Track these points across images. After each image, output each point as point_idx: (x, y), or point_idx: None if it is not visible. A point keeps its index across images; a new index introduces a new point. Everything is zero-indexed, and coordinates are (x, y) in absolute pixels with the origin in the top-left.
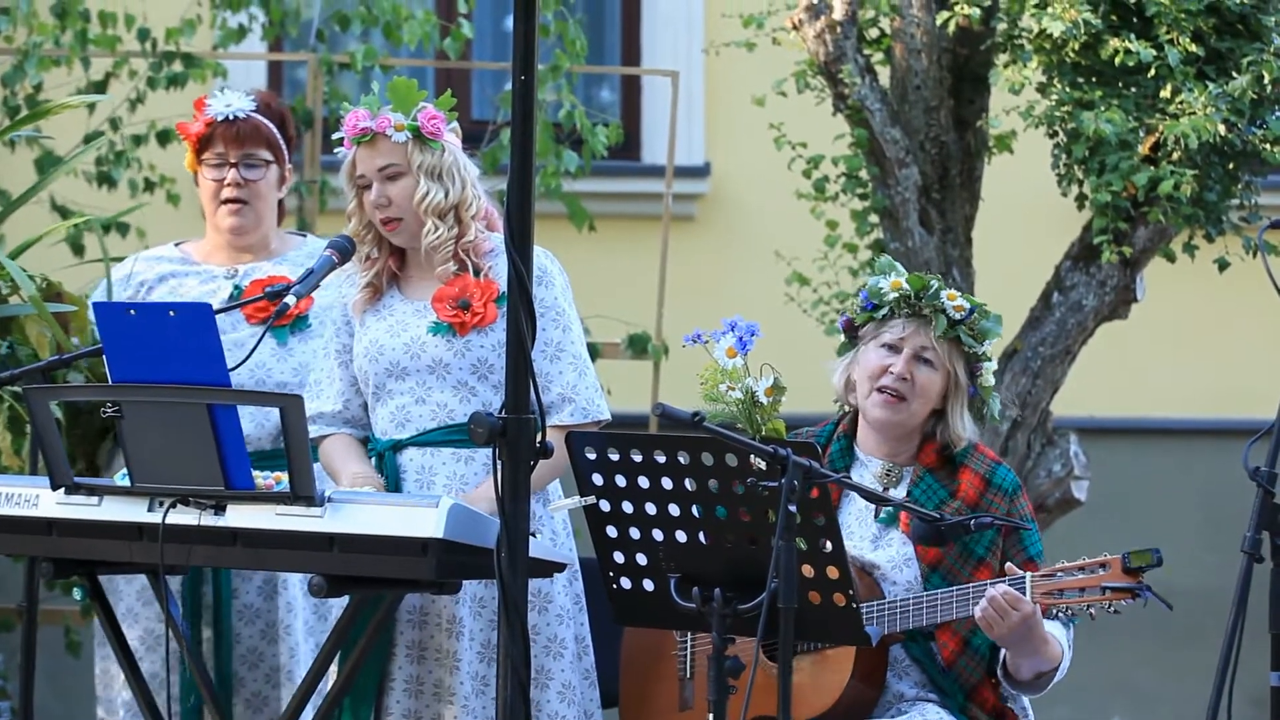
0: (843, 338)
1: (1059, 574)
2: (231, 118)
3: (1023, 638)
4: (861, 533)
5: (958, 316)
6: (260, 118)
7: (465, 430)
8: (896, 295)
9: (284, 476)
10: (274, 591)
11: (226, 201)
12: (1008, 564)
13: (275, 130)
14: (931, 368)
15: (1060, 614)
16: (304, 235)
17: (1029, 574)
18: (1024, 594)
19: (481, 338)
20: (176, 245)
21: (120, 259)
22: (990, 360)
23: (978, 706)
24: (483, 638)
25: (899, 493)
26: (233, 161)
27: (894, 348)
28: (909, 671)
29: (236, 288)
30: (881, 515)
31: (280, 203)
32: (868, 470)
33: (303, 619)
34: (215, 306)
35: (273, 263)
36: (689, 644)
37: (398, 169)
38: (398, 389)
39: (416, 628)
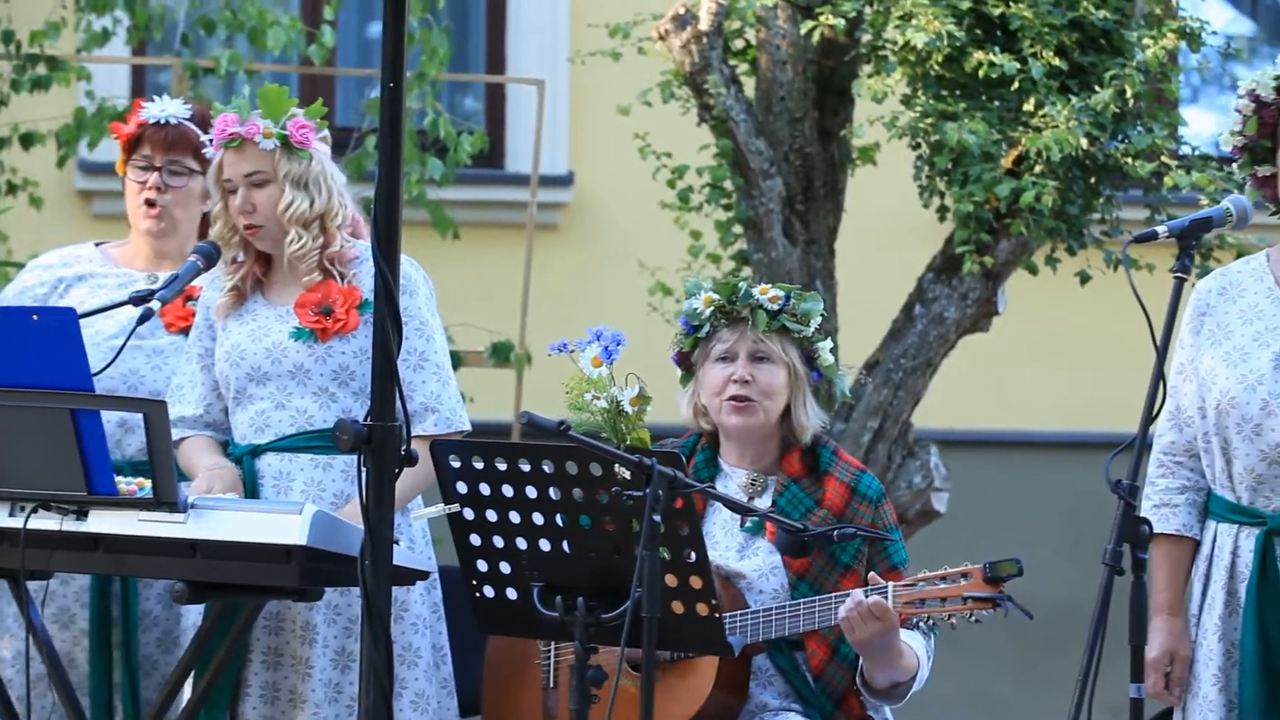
0: (680, 372)
1: (920, 583)
2: (162, 122)
3: (881, 647)
4: (727, 542)
5: (775, 307)
6: (191, 126)
7: (324, 436)
8: (711, 309)
9: (147, 482)
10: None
11: (146, 204)
12: (871, 573)
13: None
14: (770, 363)
15: (921, 624)
16: None
17: (891, 583)
18: (886, 603)
19: (343, 344)
20: (96, 245)
21: None
22: (824, 339)
23: (845, 715)
24: (336, 645)
25: (764, 502)
26: (157, 165)
27: (728, 358)
28: (773, 681)
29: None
30: (747, 525)
31: (206, 215)
32: (732, 481)
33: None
34: (82, 310)
35: None
36: (552, 654)
37: (264, 176)
38: (258, 394)
39: (272, 634)
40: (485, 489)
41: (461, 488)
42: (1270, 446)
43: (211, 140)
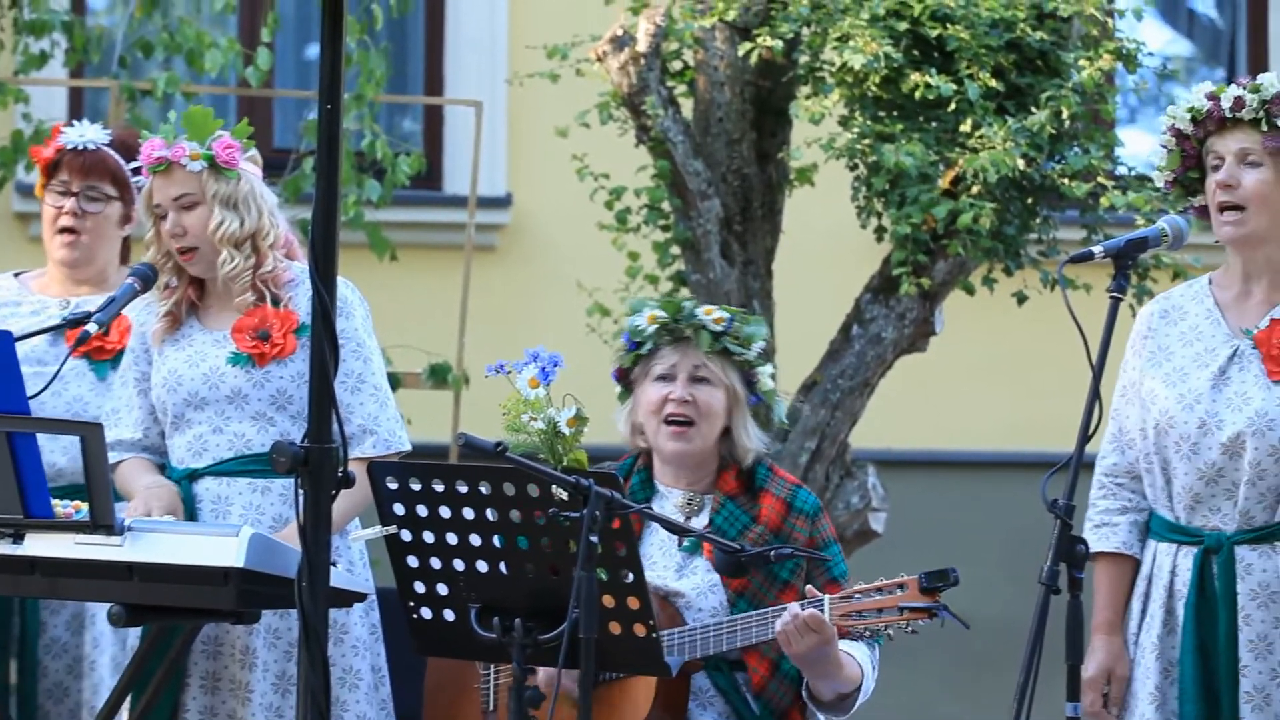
0: (619, 389)
1: (857, 595)
2: (80, 148)
3: (820, 659)
4: (665, 561)
5: (719, 329)
6: (110, 152)
7: (262, 460)
8: (655, 327)
9: (84, 505)
10: (82, 626)
11: (61, 231)
12: (808, 586)
13: (125, 167)
14: (710, 385)
15: (862, 635)
16: None
17: (827, 596)
18: (822, 615)
19: (281, 369)
20: (16, 275)
21: None
22: (765, 364)
23: None
24: (277, 669)
25: (701, 520)
26: (74, 191)
27: (668, 377)
28: (713, 702)
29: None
30: (685, 544)
31: (126, 240)
32: (669, 501)
33: (109, 655)
34: (16, 334)
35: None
36: (492, 676)
37: (193, 198)
38: (196, 419)
39: (210, 658)
40: (423, 510)
41: (399, 509)
42: (1207, 465)
43: (139, 167)
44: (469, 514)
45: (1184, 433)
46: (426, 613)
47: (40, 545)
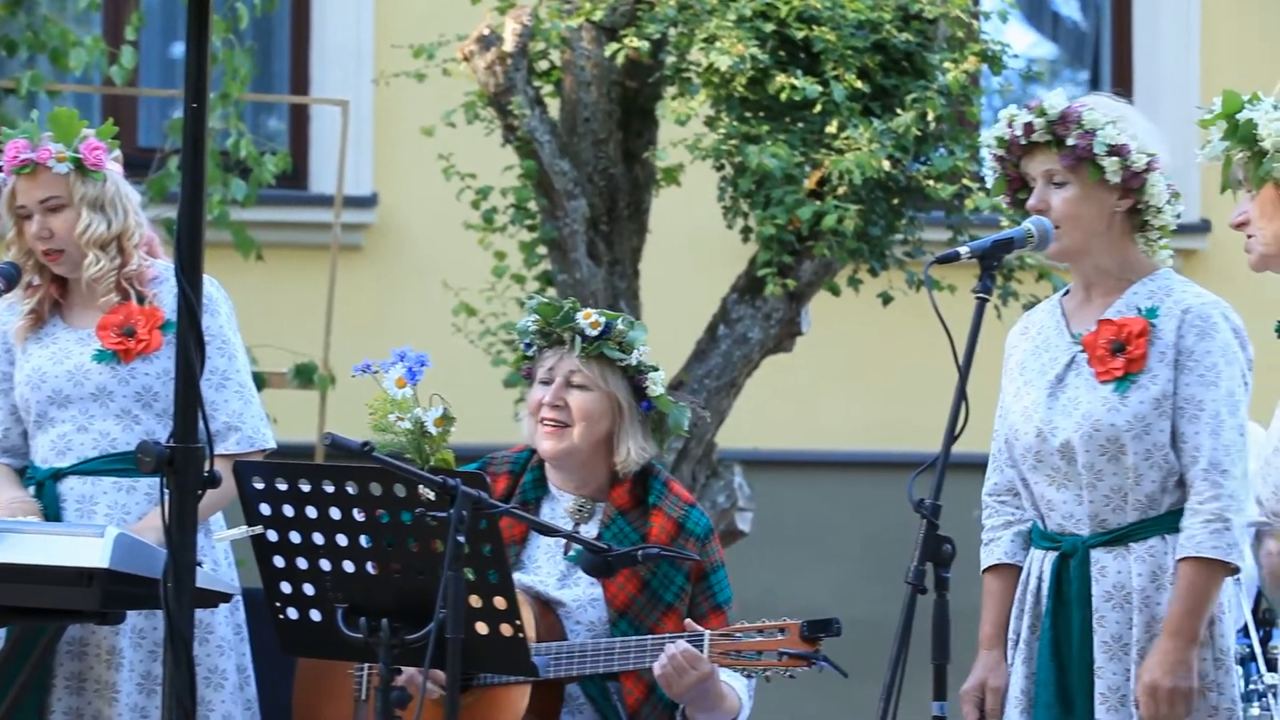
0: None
1: (738, 634)
2: None
3: (701, 695)
4: (549, 569)
5: (594, 333)
6: None
7: (128, 459)
8: (535, 329)
9: None
10: None
11: None
12: (687, 620)
13: None
14: (585, 390)
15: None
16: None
17: (707, 633)
18: (701, 652)
19: (146, 365)
20: None
21: None
22: (656, 369)
23: None
24: (142, 669)
25: (590, 529)
26: None
27: (548, 380)
28: (583, 709)
29: None
30: (570, 553)
31: None
32: (560, 504)
33: None
34: None
35: None
36: (366, 667)
37: (59, 201)
38: (60, 417)
39: (76, 659)
40: (289, 510)
41: (265, 509)
42: (1053, 472)
43: (1, 167)
44: (335, 514)
45: (1027, 444)
46: (293, 613)
47: None
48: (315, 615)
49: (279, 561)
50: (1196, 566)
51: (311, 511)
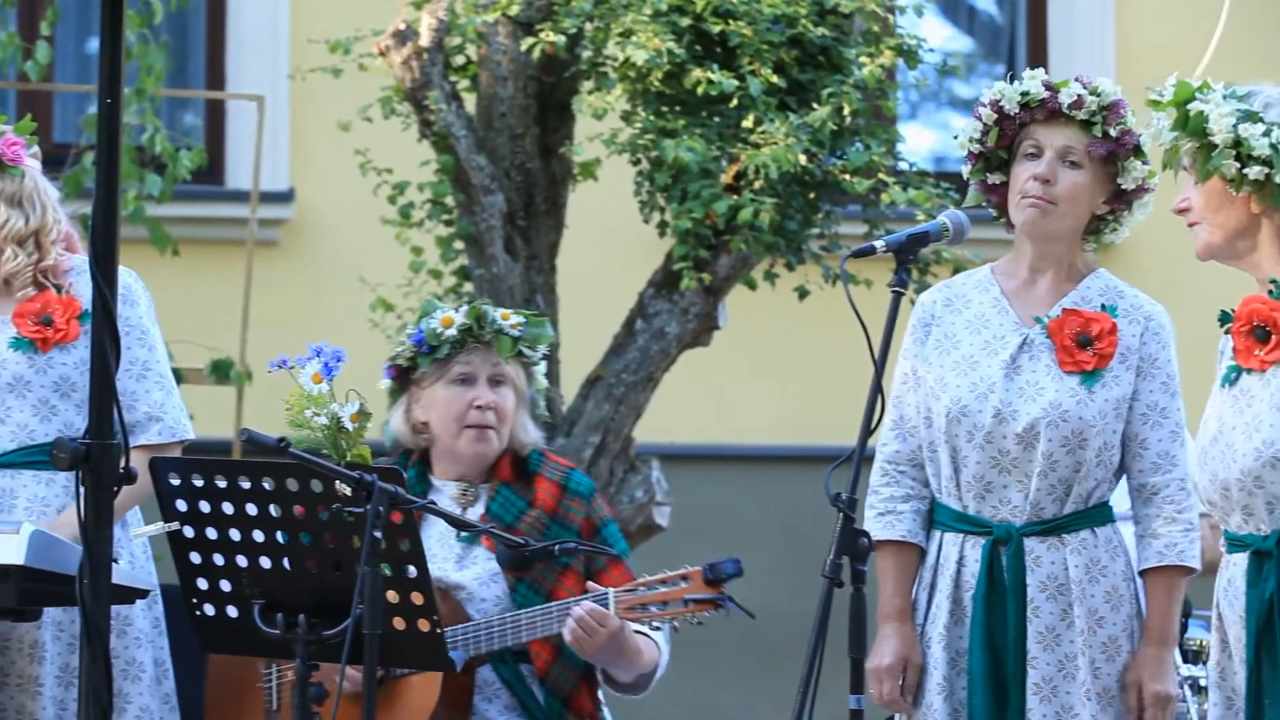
0: (390, 385)
1: (641, 588)
2: None
3: (615, 652)
4: (445, 554)
5: (516, 333)
6: None
7: (46, 451)
8: (458, 331)
9: None
10: None
11: None
12: (589, 582)
13: None
14: (505, 386)
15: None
16: None
17: (611, 590)
18: (608, 609)
19: (64, 355)
20: None
21: None
22: (539, 363)
23: (574, 715)
24: (61, 662)
25: (477, 510)
26: None
27: (468, 380)
28: (499, 695)
29: None
30: (463, 535)
31: None
32: (444, 494)
33: None
34: None
35: None
36: (274, 675)
37: None
38: None
39: None
40: (205, 507)
41: (181, 505)
42: (1001, 454)
43: None
44: (252, 510)
45: (977, 421)
46: (210, 609)
47: None
48: (232, 611)
49: (195, 558)
50: (1178, 573)
51: (228, 507)
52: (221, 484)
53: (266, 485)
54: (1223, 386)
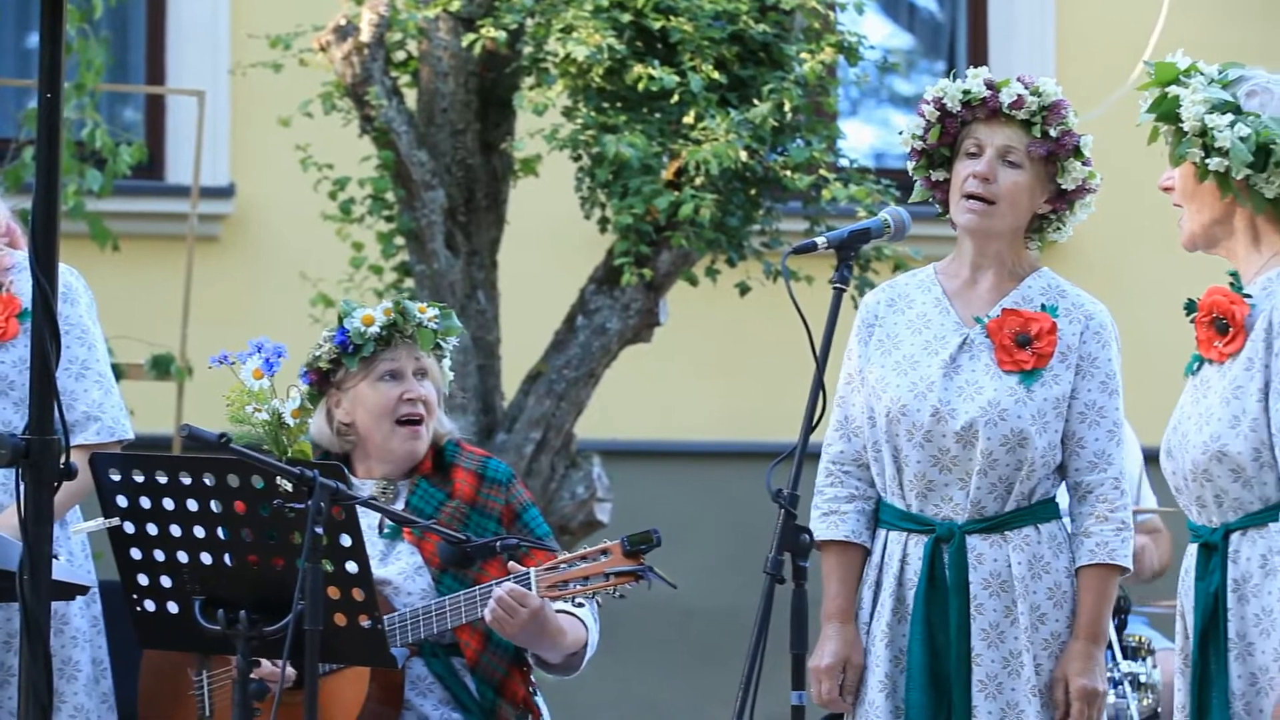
0: (308, 390)
1: (562, 565)
2: None
3: (537, 633)
4: (369, 550)
5: (435, 326)
6: None
7: None
8: (382, 329)
9: None
10: None
11: None
12: (510, 563)
13: None
14: (429, 379)
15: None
16: None
17: (532, 570)
18: (530, 589)
19: (3, 353)
20: None
21: None
22: (447, 356)
23: (508, 703)
24: None
25: (398, 506)
26: None
27: (396, 375)
28: (432, 689)
29: None
30: (385, 530)
31: None
32: (363, 492)
33: None
34: None
35: None
36: (205, 681)
37: None
38: None
39: None
40: (146, 502)
41: (121, 501)
42: (940, 453)
43: None
44: (193, 506)
45: (916, 421)
46: (150, 605)
47: None
48: (173, 607)
49: (136, 553)
50: (1109, 571)
51: (168, 503)
52: (162, 480)
53: (207, 481)
54: (1187, 375)
